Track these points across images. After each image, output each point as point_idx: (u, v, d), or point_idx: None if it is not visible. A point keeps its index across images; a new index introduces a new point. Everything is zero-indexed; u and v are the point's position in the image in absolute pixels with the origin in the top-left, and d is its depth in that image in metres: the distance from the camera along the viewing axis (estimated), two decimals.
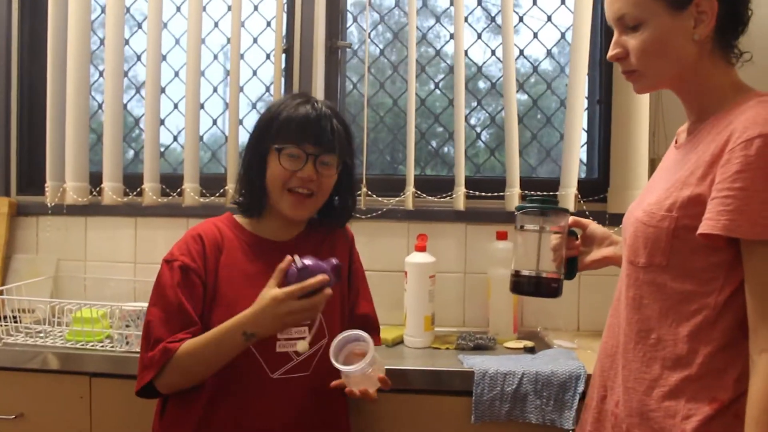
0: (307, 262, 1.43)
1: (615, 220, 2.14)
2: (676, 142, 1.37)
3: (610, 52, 1.29)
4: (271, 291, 1.41)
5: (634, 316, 1.27)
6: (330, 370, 1.46)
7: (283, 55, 2.42)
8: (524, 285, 1.52)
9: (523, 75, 2.52)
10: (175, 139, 2.62)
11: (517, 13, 2.47)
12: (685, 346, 1.18)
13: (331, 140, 1.52)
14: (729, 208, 1.09)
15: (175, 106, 2.61)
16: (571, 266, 1.55)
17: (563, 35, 2.50)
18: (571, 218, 1.55)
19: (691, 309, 1.18)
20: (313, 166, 1.51)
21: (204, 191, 2.41)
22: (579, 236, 1.56)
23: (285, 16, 2.43)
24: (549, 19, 2.49)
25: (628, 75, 1.30)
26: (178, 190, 2.39)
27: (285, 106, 1.54)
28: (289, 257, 1.44)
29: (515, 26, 2.41)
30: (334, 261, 1.47)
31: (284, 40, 2.43)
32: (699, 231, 1.13)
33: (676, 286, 1.20)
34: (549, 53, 2.51)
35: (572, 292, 2.32)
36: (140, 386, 1.46)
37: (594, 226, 1.57)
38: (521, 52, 2.50)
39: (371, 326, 1.68)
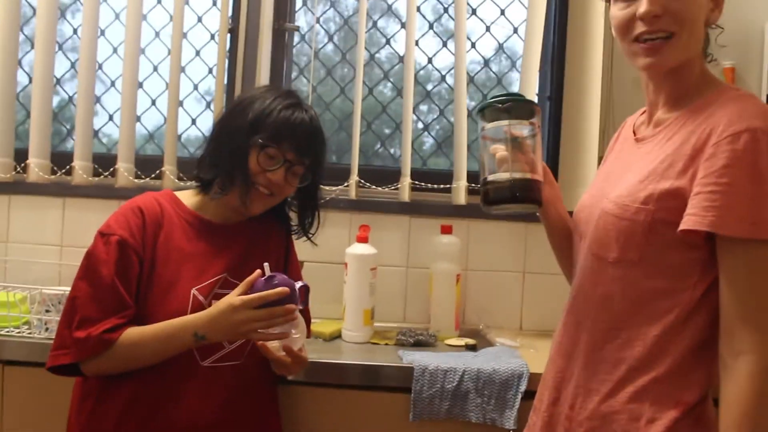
0: (277, 275, 1.37)
1: None
2: (634, 134, 1.32)
3: (646, 8, 1.15)
4: (229, 298, 1.35)
5: (602, 315, 1.22)
6: (262, 359, 1.42)
7: (228, 36, 2.33)
8: (500, 191, 1.30)
9: (473, 71, 2.48)
10: (111, 118, 2.50)
11: (470, 5, 2.42)
12: (655, 346, 1.14)
13: (311, 153, 1.50)
14: (715, 204, 1.06)
15: (112, 83, 2.49)
16: None
17: (516, 30, 2.46)
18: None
19: (663, 307, 1.15)
20: (284, 173, 1.46)
21: (139, 173, 2.30)
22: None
23: None
24: (502, 12, 2.46)
25: (660, 40, 1.17)
26: (111, 169, 2.27)
27: (280, 105, 1.46)
28: (258, 270, 1.37)
29: (467, 18, 2.37)
30: (302, 283, 1.42)
31: (230, 20, 2.33)
32: (682, 227, 1.09)
33: (648, 282, 1.16)
34: (501, 47, 2.47)
35: (515, 290, 2.30)
36: (55, 365, 1.37)
37: None
38: (473, 44, 2.46)
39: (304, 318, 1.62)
